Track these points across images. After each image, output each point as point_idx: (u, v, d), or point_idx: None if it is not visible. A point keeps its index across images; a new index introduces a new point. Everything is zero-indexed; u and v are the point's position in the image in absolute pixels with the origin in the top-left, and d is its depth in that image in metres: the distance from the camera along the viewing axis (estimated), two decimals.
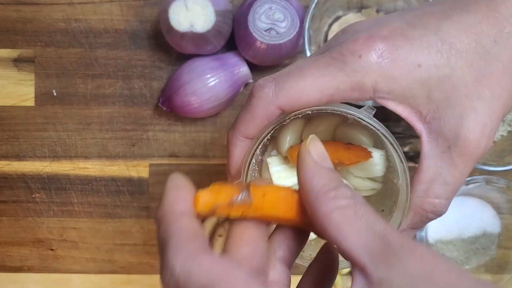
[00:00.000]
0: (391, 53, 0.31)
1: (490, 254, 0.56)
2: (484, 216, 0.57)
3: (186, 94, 0.53)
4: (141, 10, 0.57)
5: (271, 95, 0.32)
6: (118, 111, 0.57)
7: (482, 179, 0.52)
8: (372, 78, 0.31)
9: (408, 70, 0.31)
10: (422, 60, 0.31)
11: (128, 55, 0.57)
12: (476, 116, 0.31)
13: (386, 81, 0.31)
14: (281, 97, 0.32)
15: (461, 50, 0.31)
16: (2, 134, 0.58)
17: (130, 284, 0.59)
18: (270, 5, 0.51)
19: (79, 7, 0.57)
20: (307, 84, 0.31)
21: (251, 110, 0.33)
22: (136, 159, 0.58)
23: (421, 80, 0.31)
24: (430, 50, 0.31)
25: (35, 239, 0.58)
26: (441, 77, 0.31)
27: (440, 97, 0.31)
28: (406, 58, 0.31)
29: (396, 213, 0.34)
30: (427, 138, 0.32)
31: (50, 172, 0.58)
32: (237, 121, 0.34)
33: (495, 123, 0.32)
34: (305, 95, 0.31)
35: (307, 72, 0.32)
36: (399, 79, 0.31)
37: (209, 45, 0.53)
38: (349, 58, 0.31)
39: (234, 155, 0.34)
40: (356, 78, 0.31)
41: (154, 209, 0.58)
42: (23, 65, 0.57)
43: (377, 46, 0.31)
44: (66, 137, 0.58)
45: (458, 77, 0.31)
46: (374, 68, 0.31)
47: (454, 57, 0.31)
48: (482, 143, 0.31)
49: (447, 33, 0.31)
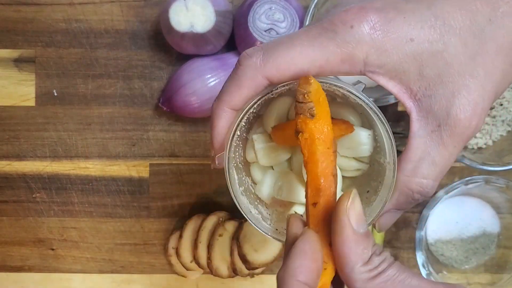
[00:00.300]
0: (384, 25, 0.30)
1: (490, 253, 0.57)
2: (484, 216, 0.57)
3: (186, 94, 0.53)
4: (142, 10, 0.57)
5: (258, 64, 0.31)
6: (118, 111, 0.57)
7: (482, 179, 0.52)
8: (363, 50, 0.30)
9: (400, 43, 0.30)
10: (415, 34, 0.30)
11: (128, 56, 0.57)
12: (468, 94, 0.30)
13: (378, 54, 0.30)
14: (269, 66, 0.31)
15: (455, 27, 0.30)
16: (3, 134, 0.58)
17: (130, 283, 0.59)
18: (270, 5, 0.51)
19: (79, 7, 0.57)
20: (296, 53, 0.30)
21: (237, 79, 0.31)
22: (136, 159, 0.58)
23: (413, 54, 0.30)
24: (423, 25, 0.30)
25: (36, 239, 0.59)
26: (433, 53, 0.30)
27: (432, 74, 0.30)
28: (399, 31, 0.30)
29: (381, 192, 0.33)
30: (416, 116, 0.31)
31: (51, 172, 0.58)
32: (223, 90, 0.33)
33: (487, 102, 0.31)
34: (294, 65, 0.30)
35: (297, 42, 0.31)
36: (390, 52, 0.30)
37: (209, 45, 0.53)
38: (340, 28, 0.30)
39: (218, 126, 0.33)
40: (346, 49, 0.30)
41: (154, 208, 0.58)
42: (23, 65, 0.57)
43: (369, 17, 0.30)
44: (66, 137, 0.58)
45: (451, 54, 0.30)
46: (366, 40, 0.30)
47: (448, 34, 0.30)
48: (473, 122, 0.31)
49: (441, 9, 0.30)
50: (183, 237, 0.56)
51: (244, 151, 0.35)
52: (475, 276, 0.57)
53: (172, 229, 0.58)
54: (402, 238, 0.58)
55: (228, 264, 0.56)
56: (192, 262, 0.56)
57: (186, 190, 0.58)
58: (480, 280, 0.57)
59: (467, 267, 0.57)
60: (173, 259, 0.57)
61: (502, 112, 0.54)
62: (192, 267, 0.57)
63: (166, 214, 0.58)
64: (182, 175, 0.58)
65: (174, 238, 0.57)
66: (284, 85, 0.31)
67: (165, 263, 0.58)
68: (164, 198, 0.58)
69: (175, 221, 0.58)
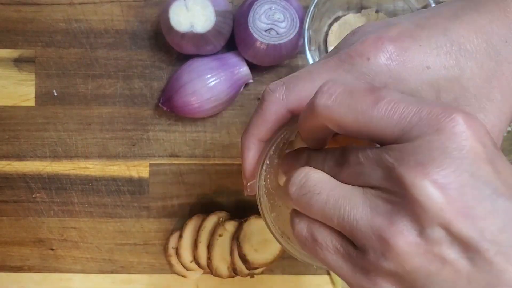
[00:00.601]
0: (400, 55, 0.30)
1: None
2: None
3: (186, 94, 0.53)
4: (142, 10, 0.57)
5: (281, 98, 0.33)
6: (118, 111, 0.57)
7: None
8: (382, 80, 0.31)
9: (417, 71, 0.30)
10: (431, 61, 0.30)
11: (128, 55, 0.57)
12: (485, 116, 0.31)
13: (395, 83, 0.31)
14: (291, 100, 0.32)
15: (471, 51, 0.30)
16: (3, 134, 0.58)
17: (130, 283, 0.59)
18: (270, 5, 0.51)
19: (79, 7, 0.57)
20: (316, 86, 0.31)
21: (262, 114, 0.34)
22: (136, 159, 0.58)
23: (430, 81, 0.30)
24: (439, 51, 0.30)
25: (36, 239, 0.59)
26: (450, 78, 0.30)
27: (448, 98, 0.31)
28: (415, 59, 0.30)
29: None
30: None
31: (51, 172, 0.58)
32: (250, 125, 0.35)
33: (504, 124, 0.31)
34: None
35: (316, 75, 0.32)
36: (408, 81, 0.31)
37: (209, 45, 0.53)
38: (357, 61, 0.31)
39: (248, 157, 0.35)
40: (365, 81, 0.31)
41: (154, 208, 0.58)
42: (23, 65, 0.57)
43: (385, 48, 0.30)
44: (66, 137, 0.58)
45: (467, 78, 0.30)
46: (383, 70, 0.30)
47: (464, 58, 0.30)
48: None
49: (456, 33, 0.31)
50: (183, 237, 0.56)
51: (276, 176, 0.37)
52: None
53: (172, 229, 0.58)
54: None
55: (228, 264, 0.56)
56: (192, 262, 0.56)
57: (186, 190, 0.58)
58: None
59: None
60: (173, 259, 0.57)
61: None
62: (192, 267, 0.57)
63: (166, 214, 0.58)
64: (182, 175, 0.58)
65: (174, 238, 0.57)
66: None
67: (165, 263, 0.58)
68: (164, 198, 0.58)
69: (175, 221, 0.58)
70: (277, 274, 0.58)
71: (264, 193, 0.35)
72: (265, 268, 0.57)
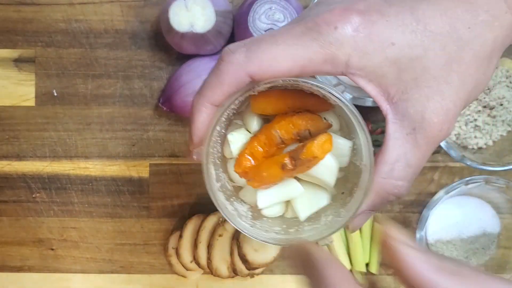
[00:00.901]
0: (366, 28, 0.30)
1: (490, 253, 0.56)
2: (484, 216, 0.57)
3: (186, 94, 0.53)
4: (142, 10, 0.57)
5: (241, 60, 0.31)
6: (118, 111, 0.57)
7: (482, 179, 0.52)
8: (346, 52, 0.30)
9: (382, 47, 0.30)
10: (396, 38, 0.30)
11: (128, 55, 0.57)
12: (442, 99, 0.31)
13: (359, 56, 0.30)
14: (251, 63, 0.31)
15: (435, 32, 0.31)
16: (3, 134, 0.58)
17: (130, 283, 0.59)
18: (270, 5, 0.51)
19: (79, 7, 0.57)
20: (279, 51, 0.30)
21: (219, 75, 0.31)
22: (136, 159, 0.58)
23: (393, 58, 0.31)
24: (404, 29, 0.30)
25: (36, 239, 0.59)
26: (412, 58, 0.31)
27: (409, 78, 0.31)
28: (381, 34, 0.30)
29: (357, 194, 0.33)
30: (393, 119, 0.32)
31: (51, 172, 0.58)
32: (204, 86, 0.33)
33: (458, 109, 0.32)
34: (276, 62, 0.30)
35: (280, 40, 0.31)
36: (372, 56, 0.30)
37: (209, 45, 0.53)
38: (324, 29, 0.30)
39: (198, 121, 0.32)
40: (329, 50, 0.30)
41: (154, 208, 0.58)
42: (23, 65, 0.57)
43: (353, 19, 0.30)
44: (66, 137, 0.58)
45: (429, 59, 0.31)
46: (349, 42, 0.30)
47: (428, 39, 0.31)
48: (445, 126, 0.31)
49: (423, 14, 0.31)
50: (183, 237, 0.56)
51: (222, 147, 0.35)
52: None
53: (172, 229, 0.58)
54: None
55: (228, 264, 0.56)
56: (192, 262, 0.56)
57: (186, 190, 0.58)
58: None
59: None
60: (173, 259, 0.57)
61: (502, 112, 0.54)
62: (192, 267, 0.57)
63: (166, 214, 0.58)
64: (182, 175, 0.58)
65: (174, 238, 0.57)
66: (266, 83, 0.31)
67: (165, 263, 0.58)
68: (164, 198, 0.58)
69: (175, 221, 0.58)
70: (277, 274, 0.58)
71: (211, 161, 0.34)
72: (265, 268, 0.57)
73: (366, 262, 0.57)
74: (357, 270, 0.57)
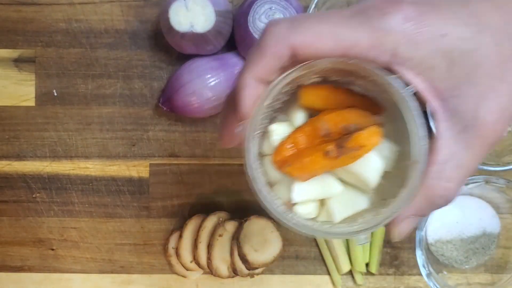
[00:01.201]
0: (417, 17, 0.29)
1: (490, 253, 0.57)
2: (484, 216, 0.57)
3: (186, 94, 0.53)
4: (142, 10, 0.57)
5: (284, 32, 0.29)
6: (118, 111, 0.57)
7: (482, 179, 0.52)
8: (394, 40, 0.29)
9: (432, 37, 0.29)
10: (448, 30, 0.29)
11: (128, 55, 0.57)
12: (497, 97, 0.29)
13: (407, 46, 0.29)
14: (294, 36, 0.29)
15: (490, 27, 0.29)
16: (3, 134, 0.58)
17: (130, 283, 0.59)
18: (270, 5, 0.51)
19: (79, 7, 0.57)
20: (324, 29, 0.29)
21: (261, 46, 0.30)
22: (136, 159, 0.58)
23: (443, 50, 0.29)
24: (457, 21, 0.29)
25: (36, 239, 0.59)
26: (464, 51, 0.29)
27: (460, 73, 0.29)
28: (432, 25, 0.29)
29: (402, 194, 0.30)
30: (443, 116, 0.30)
31: (51, 172, 0.58)
32: (247, 60, 0.31)
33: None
34: (320, 40, 0.29)
35: (327, 19, 0.29)
36: (421, 46, 0.29)
37: (209, 45, 0.53)
38: (373, 14, 0.29)
39: (245, 95, 0.30)
40: (377, 35, 0.29)
41: (154, 208, 0.58)
42: (23, 65, 0.57)
43: (404, 7, 0.29)
44: (66, 137, 0.58)
45: (482, 55, 0.29)
46: (398, 30, 0.29)
47: (481, 33, 0.29)
48: (499, 126, 0.29)
49: (476, 7, 0.29)
50: (183, 237, 0.56)
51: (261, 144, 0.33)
52: (475, 276, 0.57)
53: (172, 229, 0.58)
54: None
55: (228, 264, 0.56)
56: (192, 262, 0.56)
57: (186, 190, 0.58)
58: (480, 280, 0.57)
59: (467, 267, 0.57)
60: (173, 259, 0.57)
61: None
62: (192, 267, 0.57)
63: (166, 214, 0.58)
64: (182, 175, 0.58)
65: (174, 238, 0.57)
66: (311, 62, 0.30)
67: (165, 263, 0.58)
68: (164, 198, 0.58)
69: (175, 221, 0.58)
70: (277, 274, 0.58)
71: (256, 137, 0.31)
72: (265, 268, 0.57)
73: (366, 262, 0.57)
74: (357, 270, 0.57)
